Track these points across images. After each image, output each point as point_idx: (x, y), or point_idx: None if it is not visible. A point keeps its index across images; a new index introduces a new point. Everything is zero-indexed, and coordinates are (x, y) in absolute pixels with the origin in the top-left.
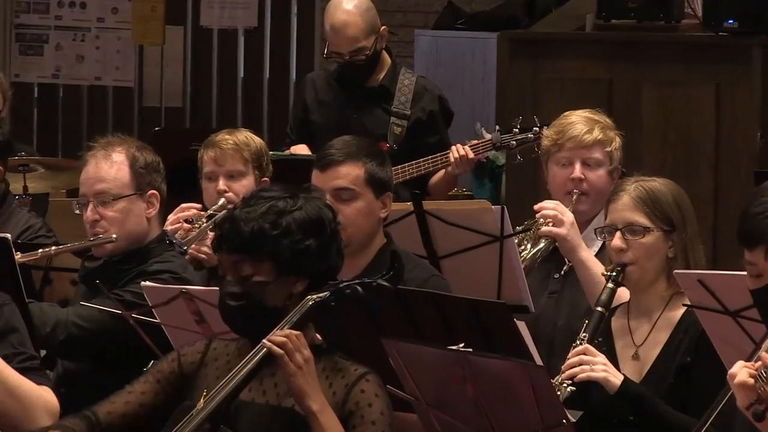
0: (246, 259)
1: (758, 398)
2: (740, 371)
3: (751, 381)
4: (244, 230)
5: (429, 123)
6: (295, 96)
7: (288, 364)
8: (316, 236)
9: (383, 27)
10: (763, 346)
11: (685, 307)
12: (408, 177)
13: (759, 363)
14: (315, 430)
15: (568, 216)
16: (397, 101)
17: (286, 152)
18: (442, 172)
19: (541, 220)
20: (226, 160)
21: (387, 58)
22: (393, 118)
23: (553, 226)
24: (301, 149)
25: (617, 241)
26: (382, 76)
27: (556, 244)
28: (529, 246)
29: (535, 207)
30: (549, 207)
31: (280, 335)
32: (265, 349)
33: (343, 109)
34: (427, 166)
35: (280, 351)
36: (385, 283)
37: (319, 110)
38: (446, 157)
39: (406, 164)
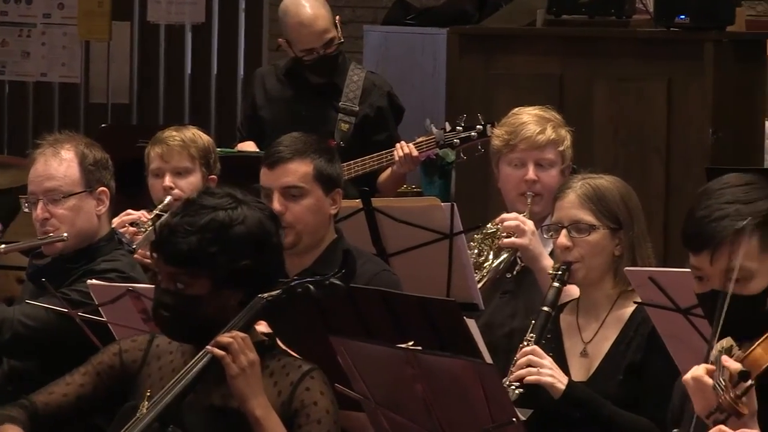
0: (182, 273)
1: (718, 407)
2: (696, 369)
3: (709, 380)
4: (182, 246)
5: (377, 119)
6: (245, 92)
7: (230, 366)
8: (254, 252)
9: (337, 16)
10: (716, 347)
11: (635, 305)
12: (354, 174)
13: (714, 368)
14: None
15: (529, 226)
16: (345, 97)
17: (235, 149)
18: (389, 170)
19: (503, 231)
20: (172, 156)
21: None
22: (341, 115)
23: (515, 237)
24: (249, 146)
25: (563, 239)
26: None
27: (518, 254)
28: (491, 257)
29: (497, 220)
30: (510, 218)
31: (226, 337)
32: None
33: (291, 106)
34: (372, 163)
35: (221, 353)
36: (338, 282)
37: (268, 106)
38: (392, 155)
39: (351, 162)
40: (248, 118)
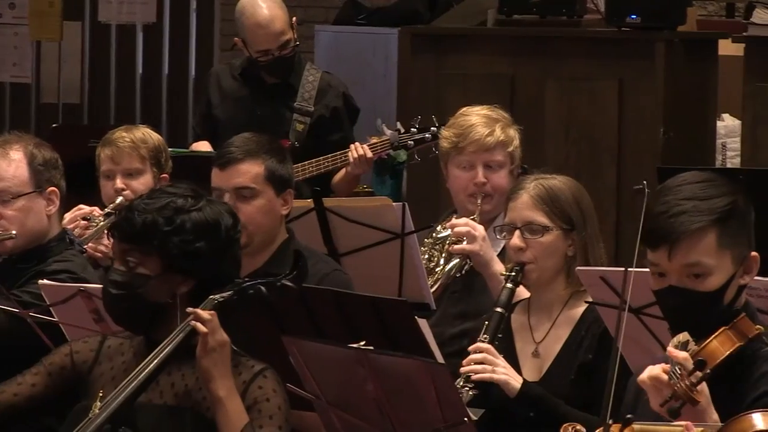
0: (134, 249)
1: (673, 394)
2: (651, 369)
3: (665, 377)
4: (137, 221)
5: (332, 120)
6: (196, 92)
7: (206, 342)
8: (209, 239)
9: (294, 17)
10: (672, 341)
11: (587, 305)
12: (308, 175)
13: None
14: (220, 415)
15: (479, 231)
16: (300, 98)
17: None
18: (344, 171)
19: (453, 237)
20: (122, 158)
21: None
22: (296, 115)
23: (465, 243)
24: (204, 146)
25: (516, 240)
26: None
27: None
28: (441, 262)
29: (447, 225)
30: (460, 224)
31: (205, 313)
32: (164, 352)
33: (246, 105)
34: (326, 164)
35: (204, 329)
36: (289, 284)
37: (222, 106)
38: (346, 156)
39: (306, 162)
40: (203, 117)
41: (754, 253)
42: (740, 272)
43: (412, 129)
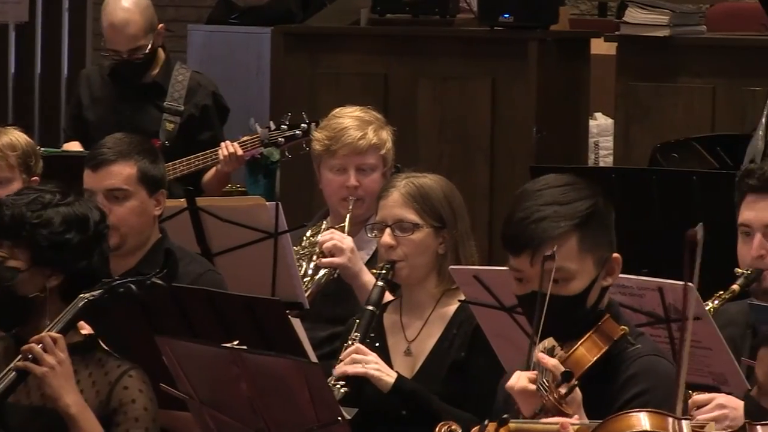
0: (3, 243)
1: (542, 408)
2: (519, 378)
3: (532, 387)
4: (5, 214)
5: (202, 119)
6: (69, 92)
7: (34, 369)
8: (77, 232)
9: (161, 24)
10: (538, 347)
11: (459, 303)
12: (179, 174)
13: (536, 376)
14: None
15: (347, 243)
16: (170, 97)
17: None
18: (214, 170)
19: (321, 250)
20: None
21: (161, 54)
22: (165, 115)
23: (333, 255)
24: (74, 146)
25: (387, 237)
26: (155, 72)
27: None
28: (310, 272)
29: (318, 239)
30: (327, 239)
31: (34, 339)
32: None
33: (116, 106)
34: (197, 163)
35: (22, 364)
36: (160, 282)
37: (92, 107)
38: (217, 154)
39: (177, 161)
40: (73, 118)
41: (615, 255)
42: (603, 274)
43: (283, 126)
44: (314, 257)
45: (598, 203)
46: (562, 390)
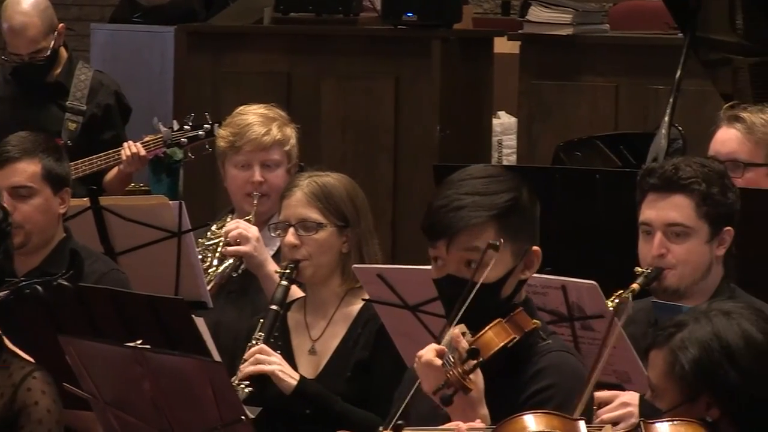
0: None
1: (446, 382)
2: (427, 351)
3: (438, 362)
4: None
5: (105, 118)
6: None
7: None
8: None
9: (61, 24)
10: (449, 332)
11: (363, 302)
12: (81, 174)
13: (444, 349)
14: None
15: (252, 232)
16: (72, 97)
17: None
18: (116, 170)
19: (227, 239)
20: None
21: (63, 53)
22: (68, 114)
23: (239, 244)
24: None
25: (290, 237)
26: (58, 72)
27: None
28: (215, 263)
29: (222, 231)
30: (232, 227)
31: None
32: None
33: (18, 106)
34: (99, 163)
35: None
36: (66, 283)
37: None
38: (119, 154)
39: (79, 161)
40: None
41: (535, 248)
42: (520, 266)
43: (186, 126)
44: (219, 246)
45: (521, 196)
46: (466, 366)
